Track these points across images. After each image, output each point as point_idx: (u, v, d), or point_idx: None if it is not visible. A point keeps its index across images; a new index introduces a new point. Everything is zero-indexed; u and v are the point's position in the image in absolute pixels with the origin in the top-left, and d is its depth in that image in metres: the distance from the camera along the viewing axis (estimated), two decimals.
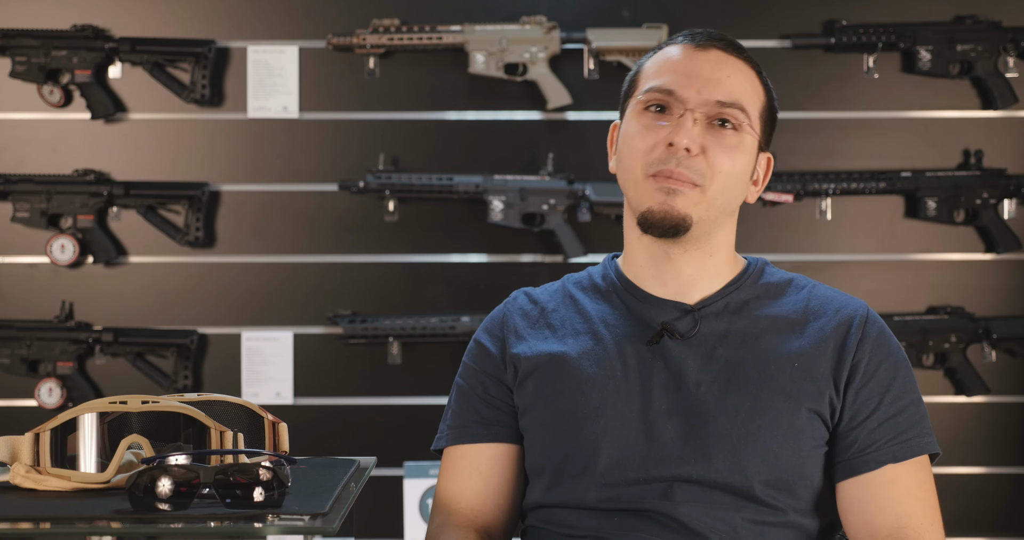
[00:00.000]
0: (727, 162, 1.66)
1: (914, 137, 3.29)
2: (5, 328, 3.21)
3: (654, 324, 1.70)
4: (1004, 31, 3.24)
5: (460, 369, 1.82)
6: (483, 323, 1.83)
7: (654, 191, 1.66)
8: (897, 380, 1.68)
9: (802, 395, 1.65)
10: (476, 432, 1.76)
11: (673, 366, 1.67)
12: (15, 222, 3.22)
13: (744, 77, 1.70)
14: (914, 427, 1.67)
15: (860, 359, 1.67)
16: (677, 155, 1.64)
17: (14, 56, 3.21)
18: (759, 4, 3.27)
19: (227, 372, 3.26)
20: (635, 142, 1.68)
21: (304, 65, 3.26)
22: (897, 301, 3.26)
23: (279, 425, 1.67)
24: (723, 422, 1.64)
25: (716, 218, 1.69)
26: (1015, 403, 3.28)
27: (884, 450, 1.65)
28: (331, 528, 1.36)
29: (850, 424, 1.66)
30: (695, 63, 1.69)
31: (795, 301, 1.73)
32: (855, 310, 1.71)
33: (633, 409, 1.66)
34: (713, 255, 1.72)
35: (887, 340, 1.71)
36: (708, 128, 1.66)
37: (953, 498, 3.23)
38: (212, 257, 3.28)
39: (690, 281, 1.72)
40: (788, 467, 1.63)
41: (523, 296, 1.82)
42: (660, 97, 1.67)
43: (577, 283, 1.81)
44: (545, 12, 3.26)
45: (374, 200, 3.26)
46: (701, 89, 1.66)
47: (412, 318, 3.22)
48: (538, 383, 1.72)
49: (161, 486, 1.37)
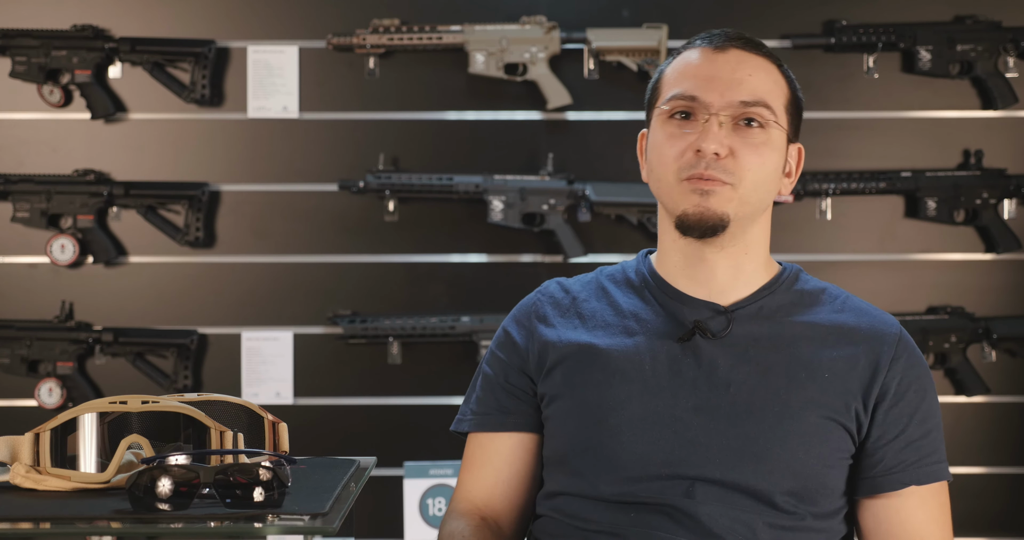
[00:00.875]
0: (756, 161, 1.67)
1: (914, 137, 3.29)
2: (5, 328, 3.21)
3: (687, 322, 1.70)
4: (1004, 31, 3.24)
5: (487, 355, 1.83)
6: (513, 311, 1.83)
7: (688, 194, 1.67)
8: (925, 402, 1.70)
9: (830, 406, 1.66)
10: (497, 421, 1.77)
11: (704, 364, 1.67)
12: (15, 222, 3.22)
13: (765, 73, 1.71)
14: (935, 452, 1.70)
15: (892, 379, 1.68)
16: (706, 159, 1.66)
17: (14, 56, 3.21)
18: (759, 4, 3.27)
19: (227, 372, 3.26)
20: (664, 150, 1.69)
21: (304, 65, 3.26)
22: (897, 301, 3.26)
23: (279, 425, 1.67)
24: (751, 425, 1.64)
25: (751, 214, 1.70)
26: (1015, 403, 3.28)
27: (909, 472, 1.68)
28: (331, 528, 1.36)
29: (878, 443, 1.67)
30: (715, 66, 1.69)
31: (829, 311, 1.73)
32: (889, 328, 1.72)
33: (660, 404, 1.66)
34: (748, 254, 1.72)
35: (918, 361, 1.72)
36: (735, 129, 1.67)
37: (953, 498, 3.21)
38: (212, 257, 3.28)
39: (724, 282, 1.72)
40: (812, 475, 1.64)
41: (555, 285, 1.82)
42: (684, 104, 1.68)
43: (610, 276, 1.81)
44: (545, 12, 3.26)
45: (374, 200, 3.26)
46: (724, 92, 1.67)
47: (412, 318, 3.22)
48: (566, 372, 1.72)
49: (161, 486, 1.37)
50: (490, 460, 1.77)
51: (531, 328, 1.78)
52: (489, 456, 1.78)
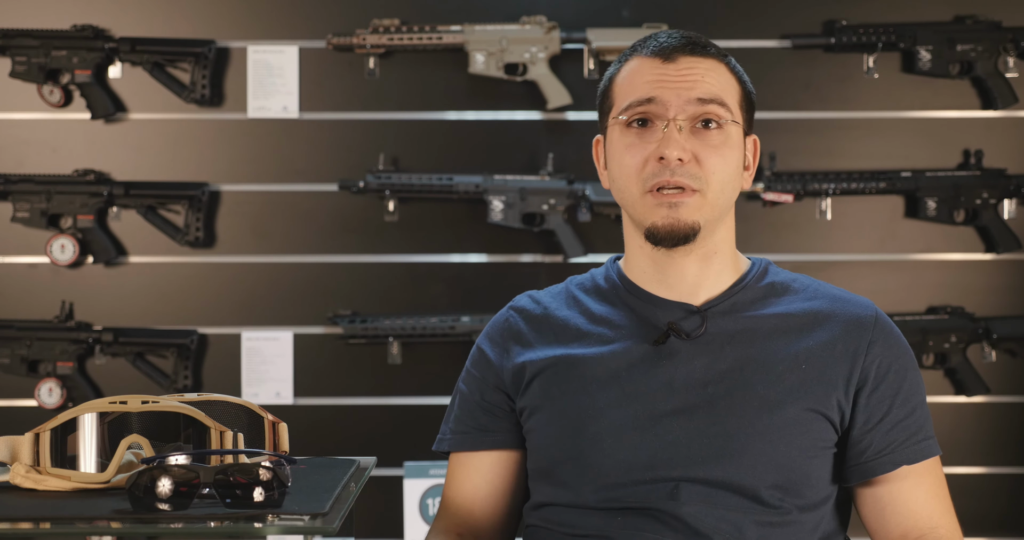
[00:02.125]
0: (719, 163, 1.68)
1: (914, 137, 3.29)
2: (5, 328, 3.21)
3: (660, 324, 1.71)
4: (1004, 31, 3.24)
5: (463, 373, 1.83)
6: (486, 328, 1.83)
7: (655, 207, 1.67)
8: (906, 382, 1.70)
9: (811, 396, 1.66)
10: (475, 439, 1.78)
11: (680, 366, 1.67)
12: (15, 222, 3.22)
13: (716, 74, 1.71)
14: (922, 429, 1.70)
15: (872, 362, 1.68)
16: (670, 167, 1.66)
17: (14, 56, 3.21)
18: (759, 4, 3.27)
19: (227, 372, 3.26)
20: (625, 161, 1.70)
21: (304, 65, 3.26)
22: (897, 301, 3.26)
23: (279, 425, 1.67)
24: (731, 422, 1.64)
25: (719, 217, 1.70)
26: (1015, 403, 3.28)
27: (899, 452, 1.68)
28: (331, 528, 1.36)
29: (864, 427, 1.67)
30: (666, 73, 1.70)
31: (801, 300, 1.73)
32: (864, 310, 1.72)
33: (639, 409, 1.66)
34: (717, 253, 1.73)
35: (897, 341, 1.72)
36: (693, 133, 1.68)
37: (953, 498, 3.22)
38: (212, 257, 3.28)
39: (695, 283, 1.72)
40: (795, 468, 1.63)
41: (527, 299, 1.82)
42: (641, 111, 1.69)
43: (580, 285, 1.81)
44: (545, 12, 3.26)
45: (374, 200, 3.26)
46: (679, 93, 1.68)
47: (412, 318, 3.22)
48: (543, 384, 1.72)
49: (161, 486, 1.37)
50: (470, 478, 1.79)
51: (506, 347, 1.78)
52: (469, 474, 1.79)
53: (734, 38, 3.24)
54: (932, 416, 1.75)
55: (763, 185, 3.18)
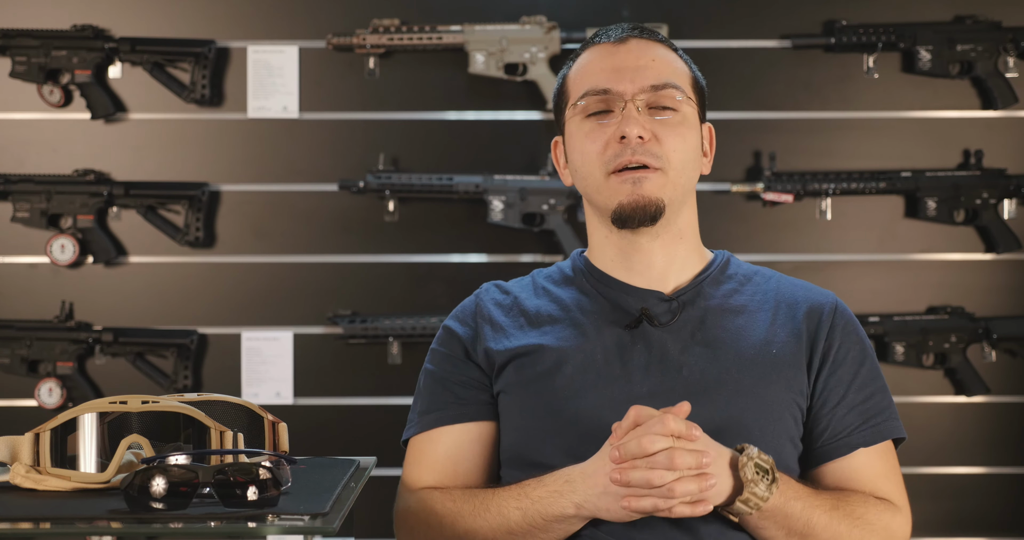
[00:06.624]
0: (679, 142, 1.71)
1: (914, 137, 3.29)
2: (5, 328, 3.21)
3: (631, 310, 1.73)
4: (1004, 31, 3.24)
5: (428, 356, 1.82)
6: (453, 312, 1.83)
7: (619, 185, 1.70)
8: (864, 368, 1.74)
9: (780, 381, 1.69)
10: (456, 413, 1.76)
11: (655, 350, 1.70)
12: (15, 222, 3.22)
13: (667, 58, 1.75)
14: (881, 413, 1.73)
15: (830, 346, 1.72)
16: (631, 145, 1.69)
17: (14, 56, 3.21)
18: (759, 4, 3.27)
19: (227, 372, 3.26)
20: (586, 147, 1.72)
21: (304, 65, 3.26)
22: (897, 301, 3.26)
23: (279, 425, 1.67)
24: (706, 405, 1.66)
25: (682, 197, 1.73)
26: (1015, 403, 3.28)
27: (855, 435, 1.71)
28: (331, 528, 1.36)
29: (821, 411, 1.71)
30: (618, 57, 1.73)
31: (766, 291, 1.77)
32: (825, 298, 1.77)
33: (616, 391, 1.68)
34: (682, 239, 1.76)
35: (855, 329, 1.76)
36: (651, 115, 1.71)
37: (953, 498, 3.23)
38: (212, 257, 3.28)
39: (662, 270, 1.75)
40: (769, 450, 1.65)
41: (494, 288, 1.84)
42: (597, 98, 1.72)
43: (548, 276, 1.83)
44: (545, 12, 3.26)
45: (374, 200, 3.26)
46: (633, 78, 1.71)
47: (412, 318, 3.22)
48: (517, 368, 1.73)
49: (155, 486, 1.37)
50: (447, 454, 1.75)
51: (476, 328, 1.78)
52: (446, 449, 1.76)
53: (734, 38, 3.24)
54: (932, 416, 1.76)
55: (763, 185, 3.18)
